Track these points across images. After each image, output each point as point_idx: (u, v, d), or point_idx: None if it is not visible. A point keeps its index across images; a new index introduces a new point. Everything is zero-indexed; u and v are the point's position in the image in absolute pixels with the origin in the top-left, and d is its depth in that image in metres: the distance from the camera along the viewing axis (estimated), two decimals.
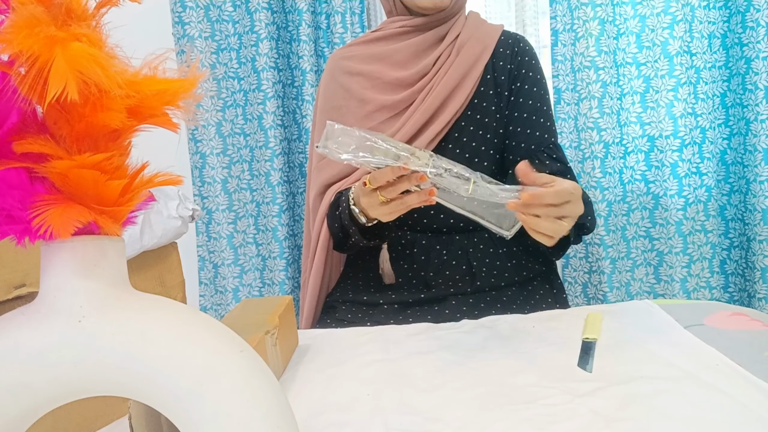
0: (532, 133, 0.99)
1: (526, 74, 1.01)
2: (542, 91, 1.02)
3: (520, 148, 0.99)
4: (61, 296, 0.35)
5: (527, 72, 1.01)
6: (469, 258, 0.99)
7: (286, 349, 0.72)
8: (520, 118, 1.00)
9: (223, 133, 1.65)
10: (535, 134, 0.99)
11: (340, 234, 0.98)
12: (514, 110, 1.00)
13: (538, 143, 0.99)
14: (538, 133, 0.99)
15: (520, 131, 1.00)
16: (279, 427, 0.37)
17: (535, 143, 0.99)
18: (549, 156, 0.98)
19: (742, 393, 0.55)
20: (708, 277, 1.50)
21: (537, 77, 1.02)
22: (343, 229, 0.95)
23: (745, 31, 1.37)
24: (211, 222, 1.68)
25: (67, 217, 0.33)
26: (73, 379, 0.35)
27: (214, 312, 1.70)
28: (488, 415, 0.56)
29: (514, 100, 1.00)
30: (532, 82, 1.01)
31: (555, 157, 0.98)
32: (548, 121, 1.01)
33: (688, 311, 0.78)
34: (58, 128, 0.34)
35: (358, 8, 1.63)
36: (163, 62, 0.36)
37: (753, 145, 1.38)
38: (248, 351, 0.38)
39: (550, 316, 0.82)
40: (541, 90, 1.02)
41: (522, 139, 0.99)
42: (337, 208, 0.98)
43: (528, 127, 0.99)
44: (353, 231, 0.92)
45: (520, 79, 1.01)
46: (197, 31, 1.60)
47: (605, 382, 0.60)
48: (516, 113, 1.00)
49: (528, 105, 1.00)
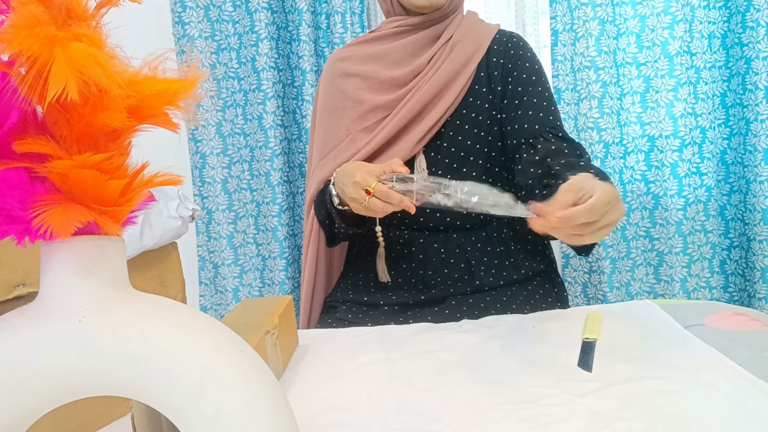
0: (535, 114, 0.97)
1: (522, 65, 1.00)
2: (542, 78, 1.00)
3: (524, 129, 0.96)
4: (61, 296, 0.35)
5: (522, 63, 1.00)
6: (467, 256, 0.99)
7: (286, 349, 0.72)
8: (520, 103, 0.98)
9: (223, 133, 1.65)
10: (538, 115, 0.96)
11: (326, 221, 1.00)
12: (514, 97, 0.99)
13: (541, 124, 0.96)
14: (541, 114, 0.96)
15: (521, 114, 0.97)
16: (279, 427, 0.37)
17: (539, 123, 0.96)
18: (555, 135, 0.95)
19: (742, 393, 0.55)
20: (708, 277, 1.50)
21: (534, 67, 1.00)
22: (328, 215, 0.97)
23: (745, 31, 1.37)
24: (211, 222, 1.68)
25: (67, 217, 0.33)
26: (73, 379, 0.35)
27: (214, 312, 1.70)
28: (488, 415, 0.55)
29: (512, 89, 0.99)
30: (530, 71, 0.99)
31: (560, 135, 0.95)
32: (551, 105, 0.99)
33: (688, 311, 0.78)
34: (58, 128, 0.34)
35: (358, 8, 1.63)
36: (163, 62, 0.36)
37: (753, 145, 1.38)
38: (248, 351, 0.38)
39: (550, 316, 0.82)
40: (541, 77, 1.00)
41: (525, 121, 0.97)
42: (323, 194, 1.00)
43: (530, 109, 0.97)
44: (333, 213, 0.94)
45: (516, 69, 1.00)
46: (197, 31, 1.60)
47: (605, 382, 0.60)
48: (516, 100, 0.98)
49: (528, 90, 0.98)
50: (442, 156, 1.00)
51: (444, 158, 1.00)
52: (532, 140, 0.95)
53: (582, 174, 0.72)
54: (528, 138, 0.95)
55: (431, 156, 1.00)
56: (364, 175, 0.81)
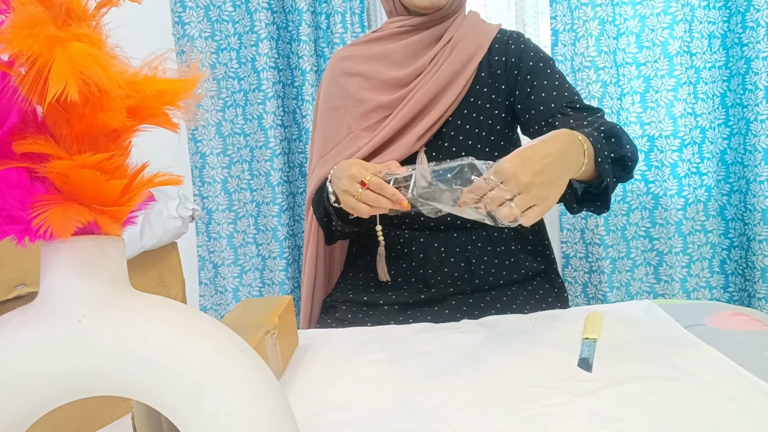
0: (548, 95, 0.97)
1: (525, 56, 1.00)
2: (549, 61, 1.00)
3: (540, 112, 0.96)
4: (61, 296, 0.35)
5: (526, 53, 1.00)
6: (467, 255, 0.99)
7: (286, 349, 0.72)
8: (532, 90, 0.98)
9: (223, 133, 1.65)
10: (552, 95, 0.96)
11: (324, 219, 1.00)
12: (525, 87, 0.99)
13: (557, 102, 0.96)
14: (554, 94, 0.96)
15: (535, 99, 0.97)
16: (279, 427, 0.37)
17: (554, 102, 0.96)
18: (573, 108, 0.95)
19: (742, 393, 0.55)
20: (708, 277, 1.50)
21: (540, 55, 1.01)
22: (326, 212, 0.97)
23: (745, 31, 1.37)
24: (211, 222, 1.68)
25: (67, 217, 0.33)
26: (73, 379, 0.35)
27: (214, 312, 1.70)
28: (488, 415, 0.55)
29: (521, 80, 0.99)
30: (535, 58, 1.00)
31: (578, 107, 0.95)
32: (563, 83, 0.98)
33: (688, 311, 0.78)
34: (58, 128, 0.34)
35: (358, 8, 1.63)
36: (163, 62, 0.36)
37: (753, 145, 1.38)
38: (248, 351, 0.38)
39: (550, 316, 0.82)
40: (547, 60, 1.00)
41: (540, 104, 0.96)
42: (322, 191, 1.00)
43: (543, 92, 0.97)
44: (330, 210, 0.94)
45: (520, 61, 1.00)
46: (197, 31, 1.60)
47: (605, 382, 0.60)
48: (528, 88, 0.98)
49: (536, 75, 0.98)
50: (443, 156, 1.00)
51: (446, 158, 1.00)
52: (551, 119, 0.95)
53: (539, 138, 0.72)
54: (547, 118, 0.96)
55: (433, 156, 1.01)
56: (360, 169, 0.81)
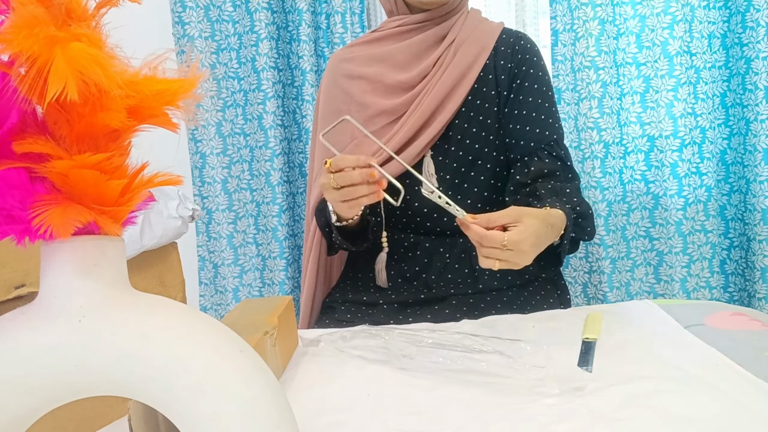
0: (532, 130, 0.98)
1: (527, 71, 0.99)
2: (544, 87, 1.00)
3: (519, 146, 0.98)
4: (61, 296, 0.35)
5: (528, 69, 0.99)
6: (471, 261, 0.98)
7: (286, 349, 0.72)
8: (520, 116, 0.98)
9: (223, 133, 1.65)
10: (535, 131, 0.97)
11: (326, 229, 0.99)
12: (514, 108, 0.99)
13: (537, 140, 0.97)
14: (538, 131, 0.97)
15: (519, 129, 0.98)
16: (279, 427, 0.37)
17: (535, 140, 0.97)
18: (549, 154, 0.96)
19: (742, 393, 0.55)
20: (708, 277, 1.50)
21: (539, 74, 1.00)
22: (327, 223, 0.96)
23: (745, 31, 1.37)
24: (211, 222, 1.68)
25: (67, 217, 0.33)
26: (73, 379, 0.35)
27: (214, 312, 1.70)
28: (488, 415, 0.55)
29: (514, 97, 0.99)
30: (534, 80, 0.99)
31: (554, 155, 0.97)
32: (550, 118, 0.99)
33: (688, 311, 0.78)
34: (58, 128, 0.34)
35: (358, 8, 1.63)
36: (163, 62, 0.36)
37: (753, 145, 1.38)
38: (248, 351, 0.38)
39: (550, 316, 0.82)
40: (543, 87, 1.00)
41: (521, 137, 0.98)
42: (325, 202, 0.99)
43: (528, 124, 0.98)
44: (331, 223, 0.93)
45: (521, 76, 0.99)
46: (197, 31, 1.60)
47: (605, 382, 0.60)
48: (516, 111, 0.99)
49: (528, 102, 0.98)
50: (450, 160, 0.99)
51: (452, 162, 0.99)
52: (527, 158, 0.97)
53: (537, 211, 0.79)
54: (523, 155, 0.97)
55: (439, 160, 0.99)
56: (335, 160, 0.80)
